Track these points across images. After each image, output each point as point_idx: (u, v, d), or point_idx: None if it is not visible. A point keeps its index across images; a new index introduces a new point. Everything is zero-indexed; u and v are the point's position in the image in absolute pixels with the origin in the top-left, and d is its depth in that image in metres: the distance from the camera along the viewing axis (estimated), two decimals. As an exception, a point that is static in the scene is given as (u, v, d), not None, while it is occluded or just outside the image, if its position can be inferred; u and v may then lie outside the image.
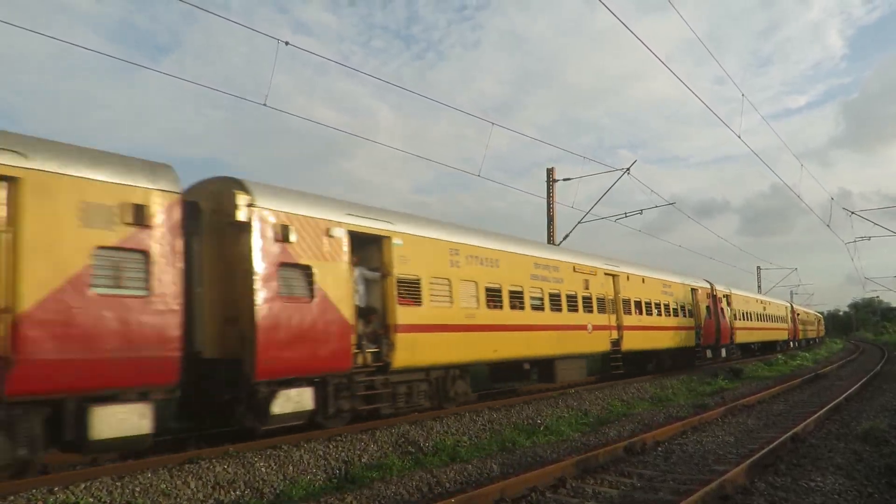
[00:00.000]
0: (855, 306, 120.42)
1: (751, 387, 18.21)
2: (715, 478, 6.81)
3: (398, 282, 10.72)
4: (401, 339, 10.58)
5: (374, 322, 10.61)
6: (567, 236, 24.51)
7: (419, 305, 11.08)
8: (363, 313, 10.43)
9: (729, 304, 28.33)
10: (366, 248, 10.64)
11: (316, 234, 9.34)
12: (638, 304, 19.45)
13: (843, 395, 14.92)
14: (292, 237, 8.94)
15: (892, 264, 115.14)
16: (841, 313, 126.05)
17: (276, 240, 8.74)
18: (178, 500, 6.51)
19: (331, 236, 9.59)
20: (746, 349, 33.85)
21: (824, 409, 12.36)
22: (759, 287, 56.10)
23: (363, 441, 9.04)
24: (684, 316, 22.97)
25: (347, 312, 9.66)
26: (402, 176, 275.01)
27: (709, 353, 25.46)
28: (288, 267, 8.89)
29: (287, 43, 11.14)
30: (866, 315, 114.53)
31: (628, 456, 8.57)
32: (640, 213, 25.55)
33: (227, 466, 7.34)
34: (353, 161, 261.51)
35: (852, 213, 27.56)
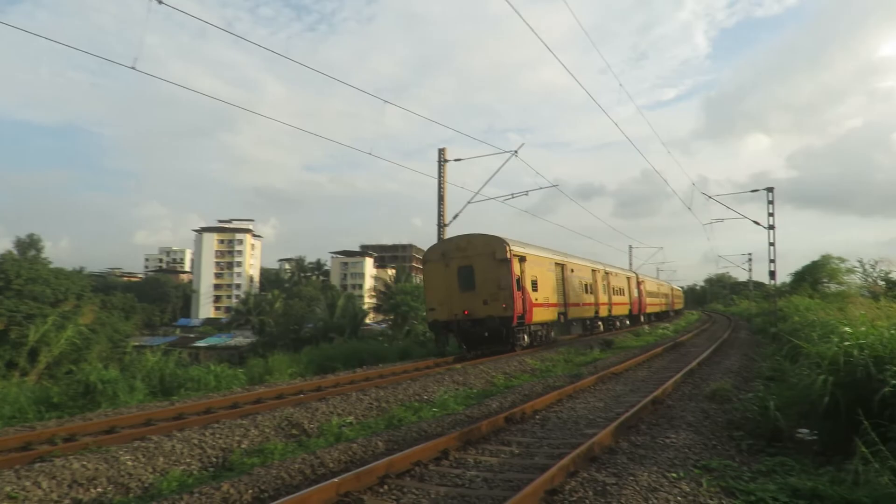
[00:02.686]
0: (709, 281, 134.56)
1: (620, 356, 19.82)
2: (585, 441, 7.36)
3: None
4: None
5: None
6: (457, 216, 25.02)
7: None
8: None
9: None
10: None
11: None
12: None
13: (697, 361, 16.70)
14: None
15: (740, 244, 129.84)
16: (698, 288, 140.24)
17: None
18: (28, 503, 5.90)
19: None
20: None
21: (680, 374, 13.77)
22: (630, 264, 60.85)
23: (243, 427, 8.71)
24: None
25: None
26: (292, 153, 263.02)
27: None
28: None
29: (160, 1, 10.25)
30: (718, 289, 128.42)
31: (508, 425, 9.00)
32: (526, 195, 26.54)
33: (87, 462, 6.76)
34: (239, 136, 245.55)
35: (709, 197, 30.65)
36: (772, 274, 29.91)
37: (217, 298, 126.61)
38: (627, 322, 36.84)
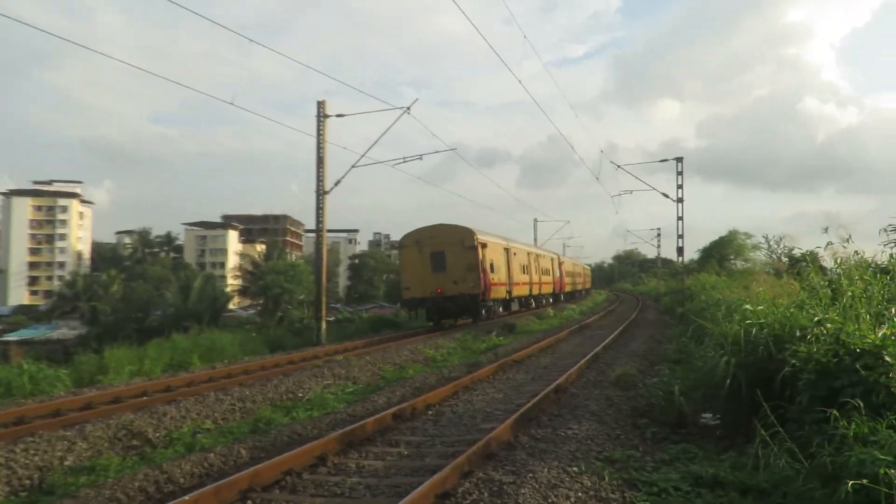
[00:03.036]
0: (618, 258, 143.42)
1: (522, 341, 20.67)
2: (482, 437, 7.59)
3: None
4: None
5: None
6: (339, 182, 24.64)
7: None
8: None
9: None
10: None
11: None
12: None
13: (602, 345, 17.80)
14: None
15: (649, 217, 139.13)
16: (606, 265, 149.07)
17: None
18: None
19: None
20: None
21: (585, 359, 14.61)
22: (535, 239, 63.35)
23: (67, 439, 8.13)
24: None
25: None
26: (134, 100, 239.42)
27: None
28: None
29: None
30: (627, 267, 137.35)
31: (397, 423, 9.09)
32: (420, 159, 26.76)
33: None
34: (63, 74, 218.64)
35: (619, 166, 32.41)
36: (679, 250, 32.41)
37: (33, 280, 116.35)
38: (551, 300, 43.94)
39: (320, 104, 24.62)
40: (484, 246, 26.73)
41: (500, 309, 30.66)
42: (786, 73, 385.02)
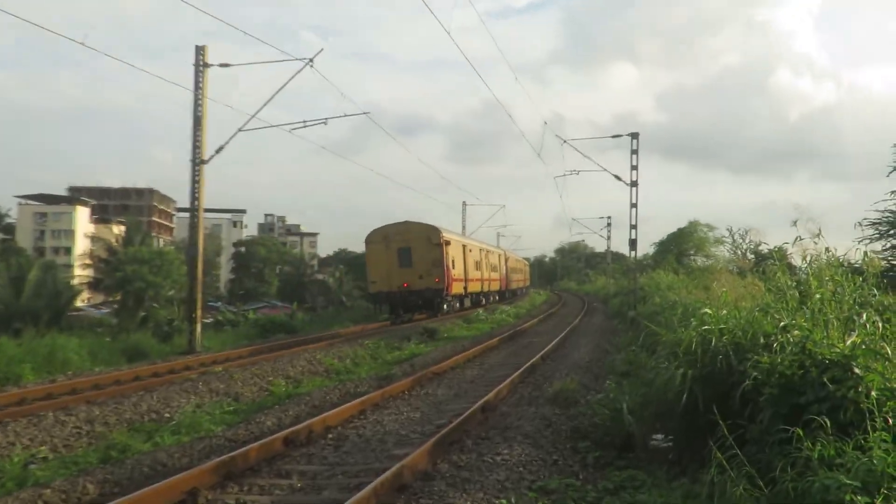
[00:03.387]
0: (561, 251, 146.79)
1: (445, 350, 20.90)
2: (392, 464, 7.64)
3: None
4: None
5: None
6: (222, 149, 24.11)
7: None
8: None
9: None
10: None
11: None
12: None
13: (539, 355, 18.26)
14: None
15: (600, 204, 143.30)
16: (547, 259, 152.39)
17: None
18: None
19: None
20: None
21: (518, 372, 14.96)
22: (464, 227, 63.94)
23: None
24: None
25: None
26: None
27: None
28: None
29: None
30: (572, 262, 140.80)
31: (289, 450, 9.07)
32: (325, 123, 26.60)
33: None
34: None
35: (565, 141, 33.01)
36: (632, 243, 33.40)
37: None
38: (497, 297, 52.01)
39: (199, 50, 23.99)
40: (448, 243, 34.11)
41: (458, 304, 38.21)
42: (756, 39, 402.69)
